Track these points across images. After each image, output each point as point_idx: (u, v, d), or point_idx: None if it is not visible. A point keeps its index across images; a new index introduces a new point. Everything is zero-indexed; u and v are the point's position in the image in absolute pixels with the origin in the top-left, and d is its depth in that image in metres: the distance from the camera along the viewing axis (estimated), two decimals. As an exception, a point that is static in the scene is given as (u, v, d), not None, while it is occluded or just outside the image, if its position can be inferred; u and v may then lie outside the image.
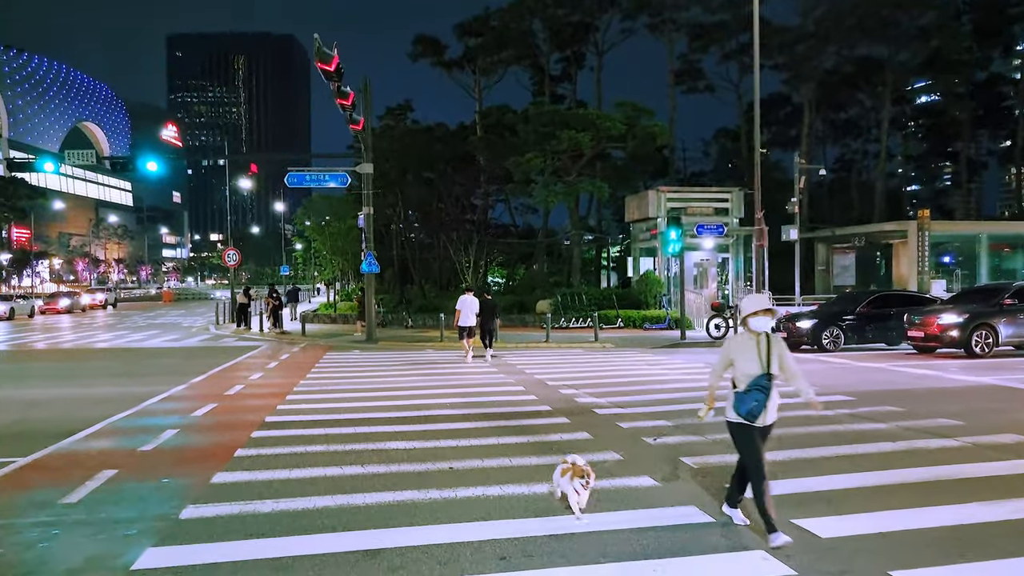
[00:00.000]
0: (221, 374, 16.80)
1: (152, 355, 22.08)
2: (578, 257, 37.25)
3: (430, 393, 13.28)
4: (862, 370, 16.43)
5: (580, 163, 32.81)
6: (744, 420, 5.74)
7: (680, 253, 24.09)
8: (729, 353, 5.87)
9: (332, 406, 11.88)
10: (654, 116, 32.15)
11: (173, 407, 12.16)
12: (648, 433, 9.53)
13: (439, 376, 15.86)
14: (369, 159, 26.13)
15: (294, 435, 9.64)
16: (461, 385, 14.37)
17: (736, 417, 5.80)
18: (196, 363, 18.93)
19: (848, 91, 46.57)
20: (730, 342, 5.94)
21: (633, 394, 12.86)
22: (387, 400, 12.48)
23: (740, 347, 5.78)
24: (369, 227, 26.34)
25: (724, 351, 5.94)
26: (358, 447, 8.90)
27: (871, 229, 33.83)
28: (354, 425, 10.26)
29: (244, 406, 12.18)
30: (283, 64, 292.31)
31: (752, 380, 5.67)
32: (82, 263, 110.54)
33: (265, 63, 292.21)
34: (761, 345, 5.68)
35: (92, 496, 7.00)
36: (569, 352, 21.70)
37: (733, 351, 5.83)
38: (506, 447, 8.87)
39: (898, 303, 21.64)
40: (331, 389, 13.89)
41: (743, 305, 5.84)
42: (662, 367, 17.28)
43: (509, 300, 32.67)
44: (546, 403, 12.02)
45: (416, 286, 38.53)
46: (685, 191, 32.49)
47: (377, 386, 14.29)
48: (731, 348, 5.88)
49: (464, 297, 19.57)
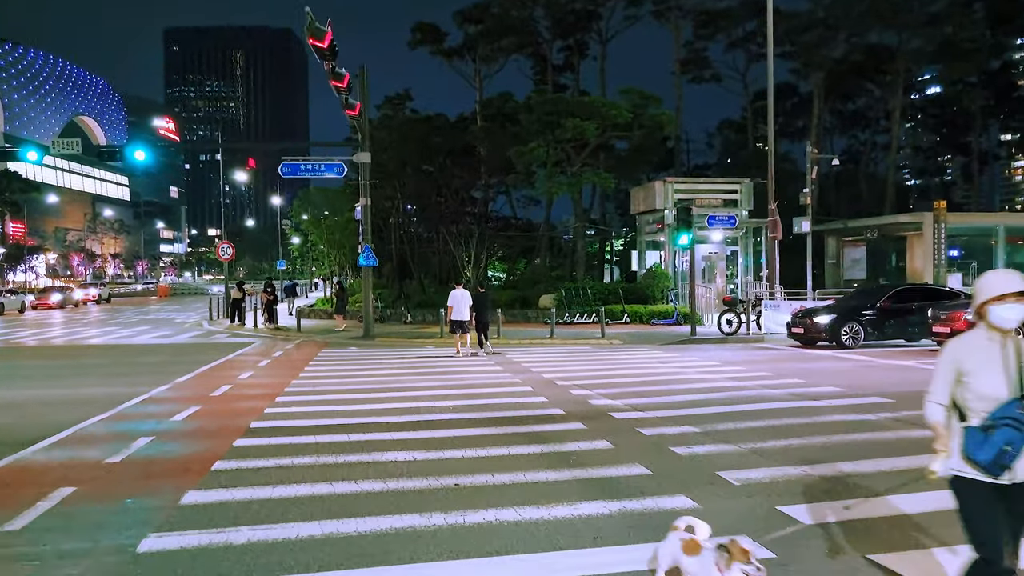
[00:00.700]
0: (209, 373, 15.83)
1: (139, 352, 21.10)
2: (582, 250, 36.23)
3: (431, 395, 12.31)
4: (891, 369, 15.46)
5: (584, 153, 31.80)
6: (982, 473, 3.55)
7: (691, 246, 23.12)
8: (955, 362, 3.69)
9: (324, 409, 10.92)
10: (661, 104, 31.16)
11: (152, 410, 11.19)
12: (674, 441, 8.57)
13: (440, 375, 14.89)
14: (366, 148, 25.16)
15: (281, 444, 8.67)
16: (464, 385, 13.40)
17: (967, 468, 3.60)
18: (184, 361, 17.95)
19: (858, 80, 45.49)
20: (956, 346, 3.76)
21: (650, 395, 11.89)
22: (384, 403, 11.52)
23: (974, 353, 3.66)
24: (367, 219, 25.36)
25: (945, 360, 3.75)
26: (351, 459, 7.92)
27: (884, 221, 32.81)
28: (348, 432, 9.30)
29: (229, 409, 11.21)
30: (281, 58, 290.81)
31: (998, 408, 3.54)
32: (77, 258, 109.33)
33: (263, 57, 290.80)
34: (1009, 352, 3.61)
35: (40, 522, 6.02)
36: (575, 349, 20.74)
37: (962, 358, 3.68)
38: (518, 459, 7.90)
39: (920, 297, 20.68)
40: (324, 390, 12.92)
41: (982, 286, 3.71)
42: (676, 365, 16.32)
43: (511, 295, 31.73)
44: (558, 405, 11.05)
45: (415, 281, 37.53)
46: (693, 182, 31.48)
47: (373, 387, 13.32)
48: (958, 354, 3.71)
49: (455, 292, 18.84)
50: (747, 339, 22.85)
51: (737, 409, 10.55)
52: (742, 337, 23.02)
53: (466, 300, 18.63)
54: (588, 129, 28.33)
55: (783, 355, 18.58)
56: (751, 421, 9.65)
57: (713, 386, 12.86)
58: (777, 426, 9.36)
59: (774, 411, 10.41)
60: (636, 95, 29.84)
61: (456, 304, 18.57)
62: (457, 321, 18.65)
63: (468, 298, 18.68)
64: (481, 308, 18.97)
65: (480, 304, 18.97)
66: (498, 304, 29.32)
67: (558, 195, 32.82)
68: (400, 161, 35.92)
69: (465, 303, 18.60)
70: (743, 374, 14.44)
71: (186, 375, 15.27)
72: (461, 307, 18.56)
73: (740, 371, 14.98)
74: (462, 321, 18.62)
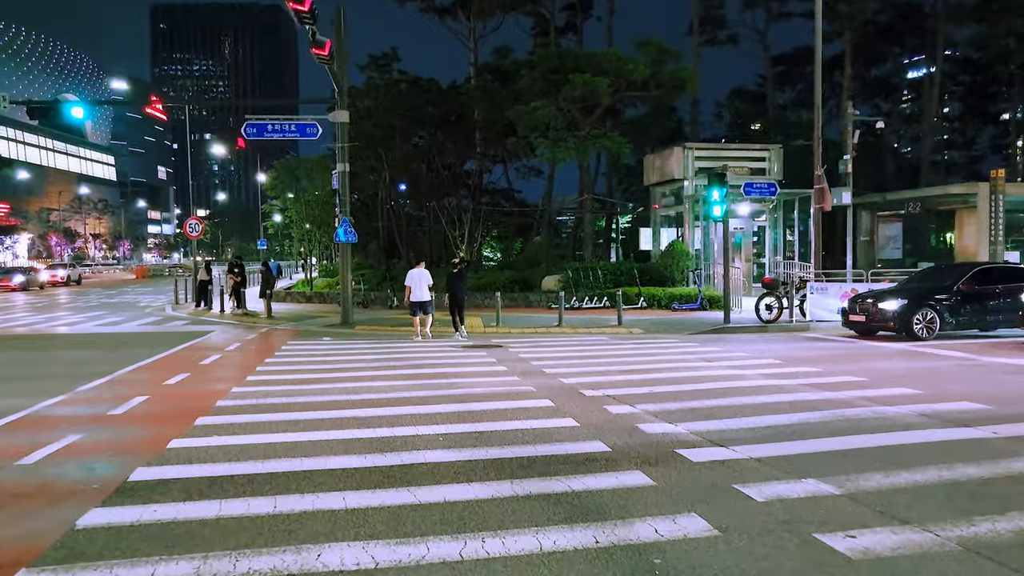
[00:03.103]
0: (132, 375, 12.37)
1: (68, 345, 17.61)
2: (590, 227, 32.57)
3: (413, 415, 8.86)
4: (1014, 371, 12.06)
5: (593, 116, 28.18)
6: None
7: (724, 217, 19.68)
8: None
9: (260, 440, 7.52)
10: (681, 60, 27.59)
11: (16, 440, 7.74)
12: (811, 515, 5.15)
13: (428, 380, 11.43)
14: (343, 105, 21.64)
15: (165, 518, 5.24)
16: (460, 398, 9.95)
17: None
18: (113, 358, 14.46)
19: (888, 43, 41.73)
20: None
21: (719, 414, 8.48)
22: (345, 429, 8.08)
23: None
24: (344, 187, 21.85)
25: None
26: (276, 561, 4.49)
27: (930, 193, 29.26)
28: (283, 489, 5.89)
29: (121, 441, 7.77)
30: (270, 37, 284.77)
31: None
32: (56, 238, 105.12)
33: (252, 36, 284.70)
34: None
35: None
36: (591, 340, 17.32)
37: None
38: (558, 560, 4.47)
39: (1002, 279, 17.32)
40: (269, 406, 9.47)
41: None
42: (726, 364, 12.89)
43: (509, 276, 28.29)
44: (596, 435, 7.63)
45: (403, 260, 33.97)
46: (717, 148, 27.96)
47: (337, 399, 9.87)
48: None
49: (413, 271, 17.89)
50: (790, 327, 19.48)
51: (864, 444, 7.15)
52: (784, 325, 19.65)
53: (425, 280, 17.68)
54: (600, 86, 24.60)
55: (851, 349, 15.20)
56: (908, 472, 6.23)
57: (797, 399, 9.46)
58: (959, 481, 5.96)
59: (926, 448, 7.00)
60: (655, 49, 26.08)
61: (414, 284, 17.60)
62: (418, 303, 17.66)
63: (428, 277, 17.75)
64: (457, 288, 18.03)
65: (455, 284, 18.06)
66: (496, 286, 26.16)
67: (565, 162, 29.21)
68: (387, 128, 32.27)
69: (425, 283, 17.67)
70: (824, 379, 11.02)
71: (102, 378, 11.82)
72: (421, 287, 17.62)
73: (816, 373, 11.59)
74: (423, 302, 17.70)
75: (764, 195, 22.98)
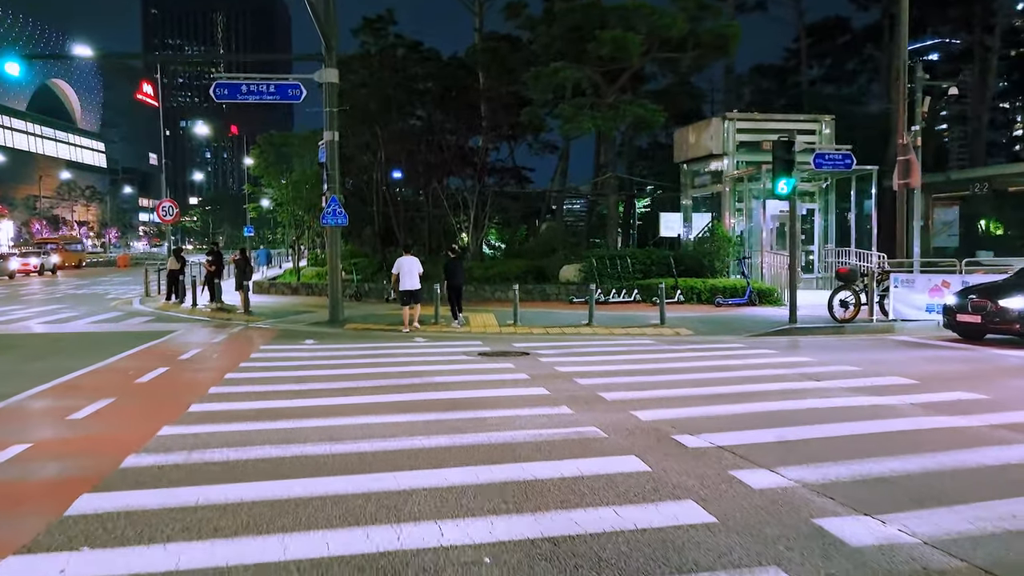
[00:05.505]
0: (42, 396, 8.99)
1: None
2: (614, 209, 28.90)
3: (411, 483, 5.43)
4: None
5: (616, 85, 24.69)
6: None
7: (791, 194, 16.29)
8: None
9: (195, 500, 4.12)
10: (721, 16, 24.06)
11: None
12: None
13: (444, 414, 7.98)
14: (332, 63, 18.27)
15: None
16: (496, 452, 6.51)
17: None
18: (36, 368, 11.10)
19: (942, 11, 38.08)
20: None
21: (888, 479, 5.12)
22: (319, 529, 4.68)
23: None
24: (332, 159, 18.45)
25: None
26: None
27: (1004, 171, 25.86)
28: None
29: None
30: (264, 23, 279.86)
31: None
32: (39, 224, 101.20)
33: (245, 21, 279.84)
34: None
35: None
36: (634, 345, 13.97)
37: None
38: None
39: None
40: (221, 442, 6.10)
41: None
42: (845, 387, 9.51)
43: (522, 265, 24.93)
44: (755, 541, 4.25)
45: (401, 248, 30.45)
46: (760, 119, 24.43)
47: (310, 436, 6.47)
48: None
49: (402, 259, 16.73)
50: (871, 328, 16.18)
51: None
52: (863, 325, 16.32)
53: (416, 267, 16.59)
54: (632, 43, 20.98)
55: (981, 361, 11.87)
56: None
57: (999, 459, 6.11)
58: None
59: None
60: (693, 3, 22.51)
61: (403, 272, 16.42)
62: (409, 291, 16.44)
63: (418, 265, 16.71)
64: (454, 275, 17.30)
65: (453, 270, 17.33)
66: (508, 277, 22.93)
67: (589, 132, 25.69)
68: (383, 99, 28.71)
69: (415, 271, 16.55)
70: (995, 419, 7.67)
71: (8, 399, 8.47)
72: (412, 275, 16.45)
73: (972, 400, 8.26)
74: (415, 291, 16.50)
75: (839, 168, 19.61)
